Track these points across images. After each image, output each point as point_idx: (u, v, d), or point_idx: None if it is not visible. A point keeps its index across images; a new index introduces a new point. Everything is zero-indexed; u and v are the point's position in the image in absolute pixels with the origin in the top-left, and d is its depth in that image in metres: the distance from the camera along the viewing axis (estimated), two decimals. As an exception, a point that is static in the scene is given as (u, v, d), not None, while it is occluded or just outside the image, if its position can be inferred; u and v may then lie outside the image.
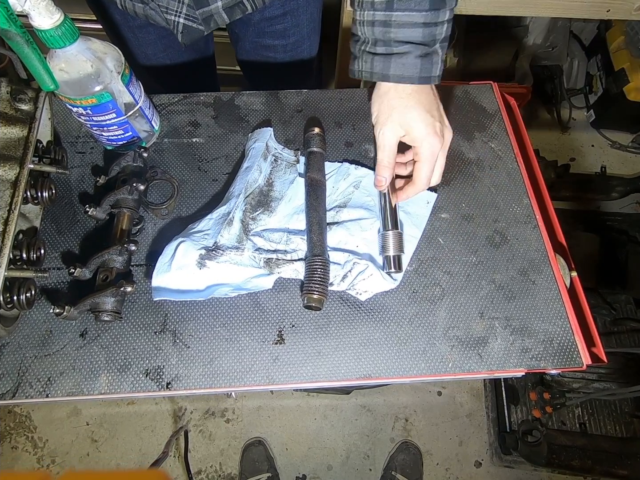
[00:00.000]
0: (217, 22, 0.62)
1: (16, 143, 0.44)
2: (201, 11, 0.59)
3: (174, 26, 0.60)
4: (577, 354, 0.48)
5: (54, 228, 0.53)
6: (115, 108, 0.50)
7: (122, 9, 0.62)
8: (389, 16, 0.44)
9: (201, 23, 0.61)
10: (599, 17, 0.97)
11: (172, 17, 0.59)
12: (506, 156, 0.60)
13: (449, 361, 0.48)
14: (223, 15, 0.61)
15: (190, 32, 0.61)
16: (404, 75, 0.46)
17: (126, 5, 0.60)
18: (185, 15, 0.59)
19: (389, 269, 0.49)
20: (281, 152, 0.58)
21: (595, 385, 1.10)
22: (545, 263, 0.53)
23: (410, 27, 0.44)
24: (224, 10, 0.60)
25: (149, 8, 0.60)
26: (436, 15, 0.43)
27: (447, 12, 0.44)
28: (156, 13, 0.60)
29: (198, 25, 0.61)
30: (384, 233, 0.50)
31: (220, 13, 0.60)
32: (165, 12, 0.59)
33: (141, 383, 0.46)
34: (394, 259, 0.49)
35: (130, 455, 1.21)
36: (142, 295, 0.50)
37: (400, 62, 0.45)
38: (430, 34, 0.44)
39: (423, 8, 0.43)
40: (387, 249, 0.50)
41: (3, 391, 0.45)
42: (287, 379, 0.47)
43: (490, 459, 1.21)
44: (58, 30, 0.41)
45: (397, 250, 0.49)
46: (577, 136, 1.69)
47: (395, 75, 0.46)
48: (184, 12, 0.59)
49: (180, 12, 0.59)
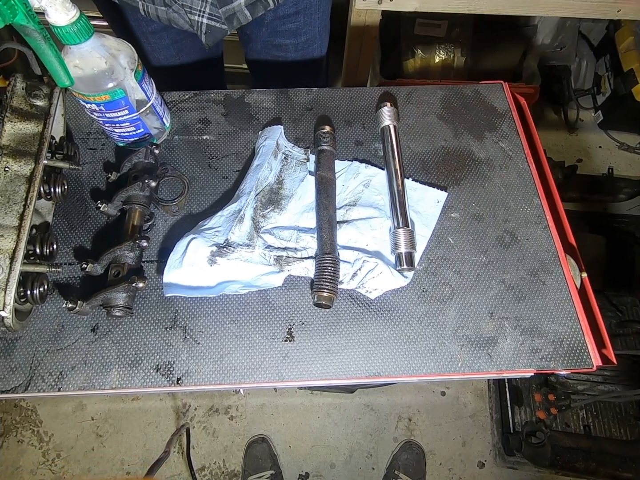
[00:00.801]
0: (240, 20, 0.62)
1: (31, 139, 0.44)
2: (224, 9, 0.59)
3: (198, 27, 0.61)
4: (587, 355, 0.48)
5: (66, 223, 0.53)
6: (127, 105, 0.50)
7: (144, 14, 0.62)
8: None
9: (224, 22, 0.61)
10: (610, 17, 0.96)
11: (195, 17, 0.59)
12: (517, 156, 0.60)
13: (458, 360, 0.48)
14: (245, 13, 0.61)
15: (214, 32, 0.61)
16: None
17: (149, 10, 0.60)
18: (209, 14, 0.59)
19: (401, 266, 0.49)
20: (291, 150, 0.59)
21: (600, 387, 1.10)
22: (555, 263, 0.52)
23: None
24: (246, 7, 0.60)
25: (172, 11, 0.60)
26: None
27: None
28: (179, 15, 0.60)
29: (221, 24, 0.61)
30: (395, 231, 0.51)
31: (242, 10, 0.60)
32: (189, 12, 0.59)
33: (152, 378, 0.46)
34: (406, 256, 0.49)
35: (134, 451, 1.22)
36: (153, 291, 0.50)
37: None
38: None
39: None
40: (399, 246, 0.50)
41: (16, 384, 0.45)
42: (297, 376, 0.47)
43: (493, 459, 1.21)
44: (74, 26, 0.41)
45: (408, 247, 0.50)
46: (585, 137, 1.69)
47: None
48: (208, 12, 0.59)
49: (204, 11, 0.58)
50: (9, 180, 0.42)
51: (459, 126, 0.63)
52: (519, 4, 0.94)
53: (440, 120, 0.63)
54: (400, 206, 0.52)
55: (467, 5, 0.94)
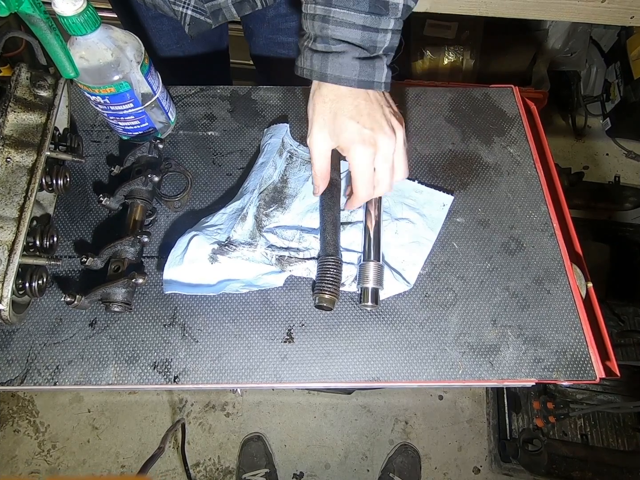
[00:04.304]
0: (226, 16, 0.61)
1: (34, 129, 0.43)
2: (210, 4, 0.58)
3: (181, 17, 0.60)
4: (591, 366, 0.47)
5: (67, 216, 0.53)
6: (133, 98, 0.50)
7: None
8: (328, 11, 0.41)
9: (209, 16, 0.60)
10: (622, 23, 0.95)
11: (180, 8, 0.59)
12: (525, 162, 0.59)
13: (459, 368, 0.47)
14: (232, 10, 0.60)
15: (198, 24, 0.61)
16: (341, 76, 0.42)
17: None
18: (194, 7, 0.58)
19: (365, 301, 0.46)
20: (297, 149, 0.58)
21: (600, 397, 1.09)
22: (561, 272, 0.52)
23: (347, 26, 0.41)
24: (233, 5, 0.60)
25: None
26: (377, 20, 0.41)
27: (391, 20, 0.41)
28: (164, 3, 0.59)
29: (206, 18, 0.60)
30: (364, 263, 0.47)
31: (229, 7, 0.60)
32: (173, 4, 0.58)
33: (149, 375, 0.46)
34: (372, 292, 0.46)
35: (130, 445, 1.22)
36: (153, 287, 0.49)
37: (338, 61, 0.41)
38: (370, 39, 0.41)
39: (362, 9, 0.40)
40: (367, 280, 0.46)
41: (12, 377, 0.45)
42: (295, 378, 0.46)
43: (489, 465, 1.21)
44: (80, 17, 0.41)
45: (376, 282, 0.46)
46: (592, 144, 1.67)
47: (333, 76, 0.42)
48: (192, 4, 0.58)
49: (189, 4, 0.58)
50: (11, 171, 0.41)
51: (467, 130, 0.62)
52: (530, 7, 0.92)
53: (449, 123, 0.62)
54: (374, 237, 0.49)
55: (478, 8, 0.93)
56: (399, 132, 0.45)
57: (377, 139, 0.43)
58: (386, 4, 0.40)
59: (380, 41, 0.42)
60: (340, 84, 0.43)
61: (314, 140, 0.45)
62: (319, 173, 0.48)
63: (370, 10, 0.40)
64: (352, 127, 0.43)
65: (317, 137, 0.45)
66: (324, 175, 0.48)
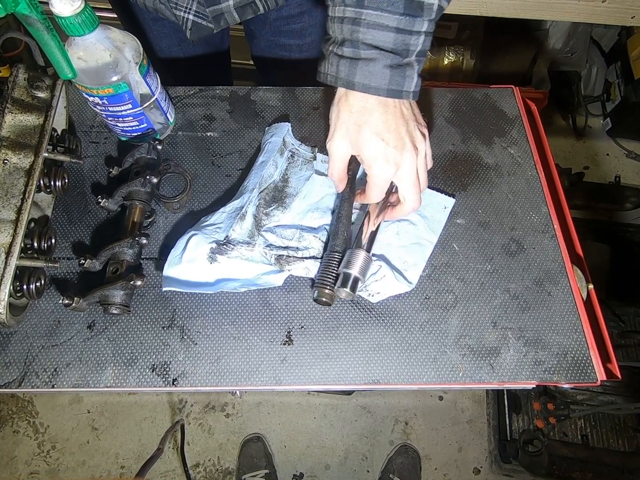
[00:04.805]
0: (228, 21, 0.60)
1: (32, 131, 0.43)
2: (212, 9, 0.58)
3: (183, 22, 0.59)
4: (592, 369, 0.47)
5: (66, 218, 0.53)
6: (131, 99, 0.49)
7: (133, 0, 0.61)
8: (359, 13, 0.39)
9: (211, 21, 0.59)
10: (623, 23, 0.95)
11: (181, 13, 0.58)
12: (525, 163, 0.59)
13: (459, 370, 0.47)
14: (234, 14, 0.60)
15: (199, 29, 0.60)
16: (370, 84, 0.40)
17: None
18: (195, 12, 0.58)
19: (344, 287, 0.44)
20: (298, 148, 0.58)
21: (600, 398, 1.09)
22: (562, 274, 0.51)
23: (380, 29, 0.39)
24: (235, 10, 0.59)
25: (159, 2, 0.59)
26: (411, 22, 0.39)
27: (424, 22, 0.39)
28: (166, 7, 0.59)
29: (208, 23, 0.60)
30: (355, 250, 0.46)
31: (231, 12, 0.59)
32: (175, 8, 0.58)
33: (147, 378, 0.45)
34: (353, 280, 0.44)
35: (129, 445, 1.22)
36: (151, 289, 0.49)
37: (367, 69, 0.40)
38: (403, 42, 0.39)
39: (396, 10, 0.38)
40: (352, 266, 0.45)
41: (9, 379, 0.45)
42: (295, 380, 0.46)
43: (489, 466, 1.21)
44: (78, 17, 0.40)
45: (360, 272, 0.45)
46: (592, 144, 1.67)
47: (361, 84, 0.40)
48: (194, 9, 0.58)
49: (190, 8, 0.57)
50: (8, 173, 0.41)
51: (467, 130, 0.61)
52: (531, 7, 0.92)
53: (449, 123, 0.62)
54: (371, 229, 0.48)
55: (479, 8, 0.92)
56: (421, 146, 0.44)
57: (400, 157, 0.43)
58: (421, 4, 0.38)
59: (413, 44, 0.40)
60: (369, 92, 0.41)
61: (335, 145, 0.45)
62: (336, 175, 0.48)
63: (405, 11, 0.38)
64: (376, 145, 0.42)
65: (338, 143, 0.44)
66: (341, 177, 0.48)
